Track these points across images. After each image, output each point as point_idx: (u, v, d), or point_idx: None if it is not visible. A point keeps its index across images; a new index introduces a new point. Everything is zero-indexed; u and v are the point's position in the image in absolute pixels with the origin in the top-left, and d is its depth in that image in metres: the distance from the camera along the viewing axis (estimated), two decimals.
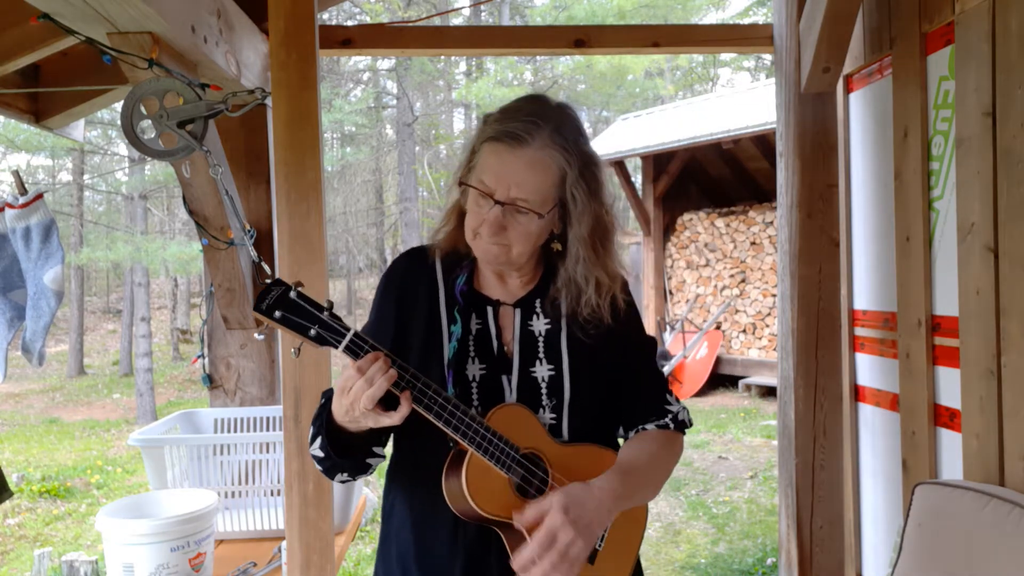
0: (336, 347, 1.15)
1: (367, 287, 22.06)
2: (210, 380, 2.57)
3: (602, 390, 1.36)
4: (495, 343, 1.35)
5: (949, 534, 1.74)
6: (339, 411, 1.19)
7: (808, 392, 2.52)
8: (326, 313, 1.15)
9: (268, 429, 2.36)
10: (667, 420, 1.41)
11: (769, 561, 4.70)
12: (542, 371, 1.34)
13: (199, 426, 2.41)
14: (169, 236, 16.87)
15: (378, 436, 1.29)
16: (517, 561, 1.16)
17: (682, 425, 1.43)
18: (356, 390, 1.13)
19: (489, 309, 1.37)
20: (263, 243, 2.48)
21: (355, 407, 1.15)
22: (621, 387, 1.40)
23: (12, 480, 7.33)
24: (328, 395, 1.29)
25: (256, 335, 1.15)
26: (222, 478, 2.14)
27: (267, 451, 2.16)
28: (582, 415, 1.33)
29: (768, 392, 9.23)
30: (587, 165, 1.30)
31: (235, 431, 2.37)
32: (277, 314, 1.13)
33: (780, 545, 2.66)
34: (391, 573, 1.37)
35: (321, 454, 1.28)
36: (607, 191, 1.34)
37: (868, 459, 2.49)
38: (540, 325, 1.36)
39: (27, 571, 5.31)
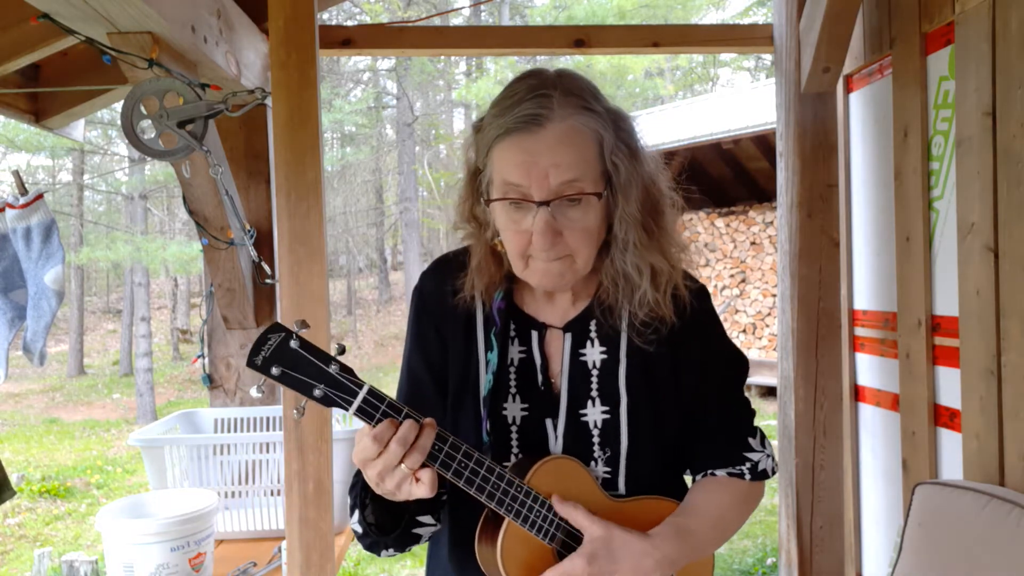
0: (347, 409, 0.95)
1: (367, 287, 22.07)
2: (210, 380, 2.57)
3: (666, 437, 1.14)
4: (540, 377, 1.13)
5: (949, 534, 1.73)
6: (370, 483, 1.01)
7: (808, 392, 2.52)
8: (334, 366, 0.95)
9: (268, 429, 2.35)
10: (743, 468, 1.16)
11: (769, 561, 4.70)
12: (595, 414, 1.12)
13: (199, 426, 2.41)
14: (169, 236, 16.89)
15: (422, 503, 1.09)
16: None
17: (762, 475, 1.18)
18: (379, 467, 0.96)
19: (534, 334, 1.14)
20: (263, 243, 2.48)
21: (379, 485, 0.98)
22: (692, 426, 1.16)
23: (12, 480, 7.32)
24: None
25: (253, 392, 0.93)
26: (222, 478, 2.14)
27: (267, 451, 2.16)
28: (641, 469, 1.12)
29: (768, 392, 9.22)
30: (619, 124, 1.07)
31: (235, 431, 2.37)
32: (275, 371, 0.93)
33: (780, 545, 2.66)
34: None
35: (360, 529, 1.10)
36: (649, 153, 1.10)
37: (868, 459, 2.49)
38: (595, 354, 1.13)
39: (27, 571, 5.32)
